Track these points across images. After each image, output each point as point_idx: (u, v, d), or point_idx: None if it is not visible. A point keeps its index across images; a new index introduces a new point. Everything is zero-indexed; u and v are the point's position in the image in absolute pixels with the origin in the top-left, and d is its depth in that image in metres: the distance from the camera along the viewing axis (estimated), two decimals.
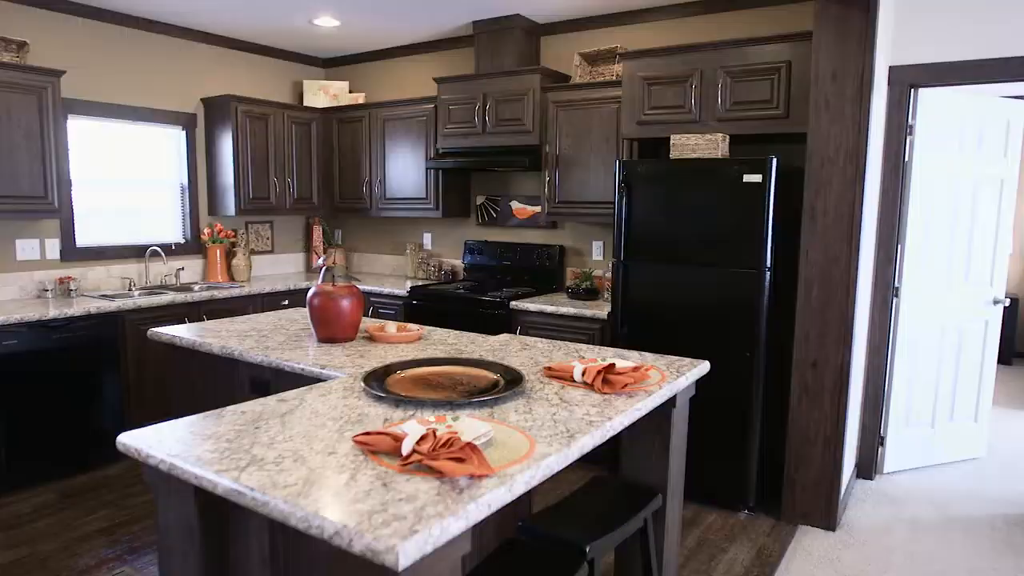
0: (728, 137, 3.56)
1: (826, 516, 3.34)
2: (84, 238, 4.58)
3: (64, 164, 4.09)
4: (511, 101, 4.50)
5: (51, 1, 4.26)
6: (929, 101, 3.71)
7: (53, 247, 4.39)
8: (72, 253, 4.49)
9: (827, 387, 3.29)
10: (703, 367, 2.51)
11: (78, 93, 4.46)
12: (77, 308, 3.90)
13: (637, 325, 3.72)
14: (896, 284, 3.85)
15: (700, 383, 2.65)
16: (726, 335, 3.45)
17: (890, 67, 3.61)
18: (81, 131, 4.55)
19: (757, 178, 3.30)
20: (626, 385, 2.13)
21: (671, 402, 2.35)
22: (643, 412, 2.05)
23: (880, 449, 4.00)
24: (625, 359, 2.51)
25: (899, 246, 3.82)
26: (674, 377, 2.31)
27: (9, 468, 3.67)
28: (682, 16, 4.28)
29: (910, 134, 3.71)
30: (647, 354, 2.66)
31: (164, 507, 1.71)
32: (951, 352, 4.08)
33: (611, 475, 3.70)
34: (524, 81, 4.44)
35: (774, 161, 3.27)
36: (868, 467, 3.96)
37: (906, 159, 3.73)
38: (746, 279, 3.38)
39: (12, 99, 3.81)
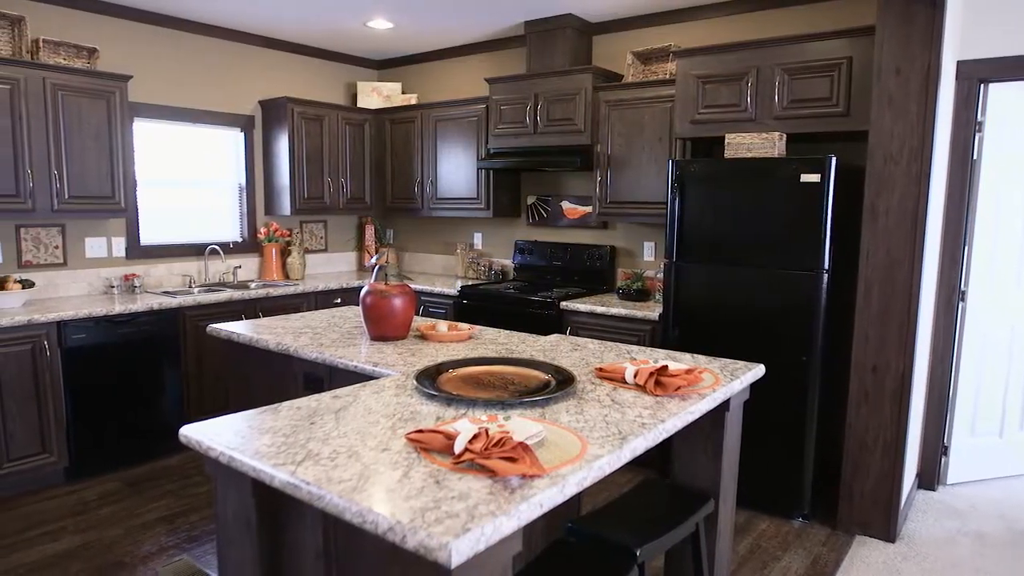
0: (785, 136, 3.48)
1: (885, 526, 3.23)
2: (147, 236, 4.75)
3: (130, 165, 4.25)
4: (563, 101, 4.49)
5: (120, 9, 4.43)
6: (999, 96, 3.55)
7: (119, 245, 4.56)
8: (136, 251, 4.66)
9: (887, 392, 3.18)
10: (758, 370, 2.46)
11: (143, 97, 4.63)
12: (141, 304, 4.04)
13: (689, 327, 3.66)
14: (963, 287, 3.71)
15: (754, 387, 2.59)
16: (781, 338, 3.37)
17: (958, 62, 3.47)
18: (145, 133, 4.72)
19: (815, 178, 3.21)
20: (679, 387, 2.10)
21: (724, 405, 2.31)
22: (696, 415, 2.02)
23: (943, 459, 3.86)
24: (677, 361, 2.47)
25: (966, 247, 3.67)
26: (728, 380, 2.27)
27: (78, 456, 3.83)
28: (737, 13, 4.20)
29: (979, 131, 3.56)
30: (700, 356, 2.62)
31: (223, 498, 1.76)
32: (1021, 358, 3.90)
33: (661, 478, 3.66)
34: (576, 81, 4.42)
35: (833, 160, 3.18)
36: (930, 477, 3.82)
37: (974, 157, 3.58)
38: (803, 281, 3.30)
39: (83, 103, 3.97)
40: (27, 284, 3.91)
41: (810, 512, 3.45)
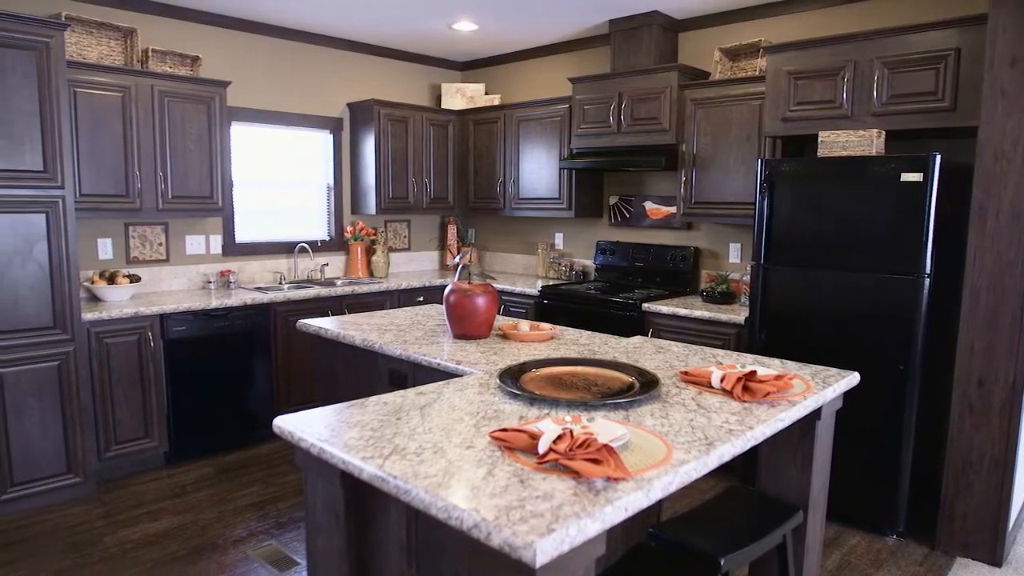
0: (884, 133, 3.32)
1: (990, 549, 3.03)
2: (242, 235, 4.97)
3: (227, 167, 4.46)
4: (647, 100, 4.42)
5: (220, 19, 4.65)
6: None
7: (216, 243, 4.79)
8: (231, 248, 4.88)
9: (995, 406, 2.98)
10: (852, 378, 2.35)
11: (240, 101, 4.84)
12: (235, 299, 4.23)
13: (777, 332, 3.54)
14: None
15: (847, 395, 2.48)
16: (877, 345, 3.22)
17: None
18: (241, 136, 4.94)
19: (917, 177, 3.05)
20: (768, 394, 2.03)
21: (816, 414, 2.22)
22: (786, 423, 1.95)
23: None
24: (766, 366, 2.39)
25: None
26: (820, 388, 2.18)
27: (176, 442, 4.04)
28: (831, 5, 4.02)
29: None
30: (789, 362, 2.53)
31: (312, 487, 1.81)
32: None
33: (746, 486, 3.55)
34: (661, 79, 4.35)
35: (937, 158, 3.01)
36: None
37: None
38: (901, 285, 3.13)
39: (186, 108, 4.20)
40: (134, 279, 4.16)
41: (905, 529, 3.28)
